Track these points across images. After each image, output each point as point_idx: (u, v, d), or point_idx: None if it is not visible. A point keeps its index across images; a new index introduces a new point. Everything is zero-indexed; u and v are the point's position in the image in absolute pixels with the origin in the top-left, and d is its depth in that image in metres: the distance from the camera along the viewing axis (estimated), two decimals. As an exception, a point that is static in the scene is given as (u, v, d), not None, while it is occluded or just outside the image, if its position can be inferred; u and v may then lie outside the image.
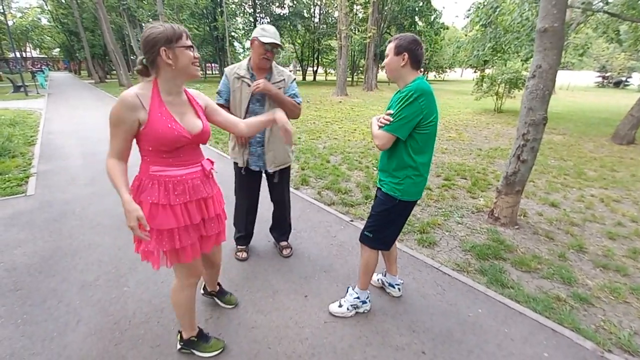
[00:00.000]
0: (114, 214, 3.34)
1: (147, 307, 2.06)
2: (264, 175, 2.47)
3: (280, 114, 1.53)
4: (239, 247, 2.66)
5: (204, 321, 1.95)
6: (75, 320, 1.94)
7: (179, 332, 1.73)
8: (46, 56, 52.48)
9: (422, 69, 1.72)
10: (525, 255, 2.78)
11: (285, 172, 2.50)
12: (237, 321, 1.97)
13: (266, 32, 2.07)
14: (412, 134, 1.61)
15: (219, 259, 1.86)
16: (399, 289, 2.22)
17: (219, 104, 2.18)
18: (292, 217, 2.78)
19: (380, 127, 1.66)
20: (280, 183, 2.49)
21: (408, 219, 3.38)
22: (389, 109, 1.73)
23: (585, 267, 2.68)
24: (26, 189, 4.03)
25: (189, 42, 1.29)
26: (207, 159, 1.52)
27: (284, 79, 2.25)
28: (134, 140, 1.33)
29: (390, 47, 1.66)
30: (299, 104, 2.28)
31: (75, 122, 8.74)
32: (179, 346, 1.74)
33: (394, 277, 2.21)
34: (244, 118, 2.13)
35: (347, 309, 2.01)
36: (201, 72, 45.75)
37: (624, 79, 35.40)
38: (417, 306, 2.13)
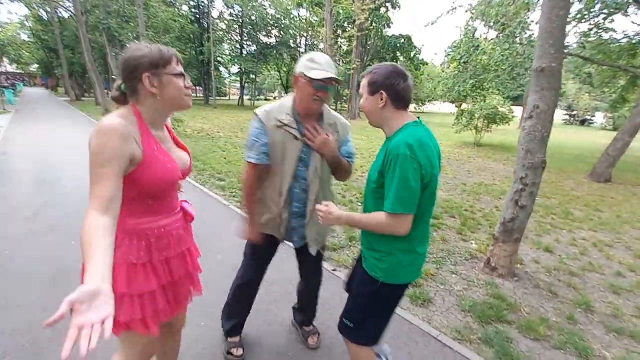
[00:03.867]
0: (49, 259, 2.77)
1: (59, 405, 1.53)
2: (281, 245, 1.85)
3: None
4: (232, 340, 1.91)
5: None
6: None
7: None
8: (23, 71, 50.89)
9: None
10: (530, 316, 2.44)
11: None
12: None
13: (317, 64, 1.45)
14: None
15: (181, 325, 1.45)
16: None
17: (252, 164, 1.54)
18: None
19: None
20: (317, 256, 1.85)
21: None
22: (377, 163, 1.26)
23: (597, 331, 2.37)
24: (-48, 222, 3.41)
25: (179, 69, 1.06)
26: (184, 200, 1.28)
27: (337, 131, 1.63)
28: None
29: (363, 85, 1.25)
30: (351, 164, 1.69)
31: (37, 142, 8.04)
32: None
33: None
34: (291, 182, 1.58)
35: None
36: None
37: (588, 117, 37.98)
38: (415, 396, 1.71)
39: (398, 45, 26.61)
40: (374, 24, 23.51)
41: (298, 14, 31.75)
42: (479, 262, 3.29)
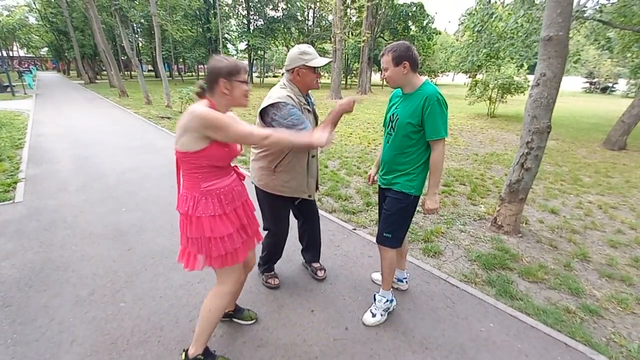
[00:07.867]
0: (107, 223, 3.21)
1: (145, 324, 1.95)
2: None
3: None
4: (268, 274, 2.40)
5: (206, 339, 1.85)
6: (69, 340, 1.83)
7: (184, 350, 1.65)
8: (34, 55, 51.35)
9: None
10: (531, 264, 2.75)
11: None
12: (242, 339, 1.88)
13: (311, 55, 1.84)
14: None
15: (253, 261, 1.90)
16: (406, 282, 2.34)
17: None
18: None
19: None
20: (312, 201, 2.30)
21: (412, 228, 3.32)
22: (392, 109, 1.90)
23: (591, 276, 2.67)
24: (14, 195, 3.87)
25: (245, 78, 1.43)
26: (235, 165, 1.63)
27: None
28: (179, 160, 1.42)
29: (387, 60, 1.75)
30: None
31: (65, 124, 8.51)
32: None
33: (402, 271, 2.31)
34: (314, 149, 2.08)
35: (381, 314, 2.03)
36: (193, 74, 45.34)
37: (610, 84, 36.25)
38: (427, 320, 2.07)
39: (410, 14, 25.74)
40: (384, -8, 22.70)
41: (305, -16, 30.75)
42: (486, 222, 3.58)
